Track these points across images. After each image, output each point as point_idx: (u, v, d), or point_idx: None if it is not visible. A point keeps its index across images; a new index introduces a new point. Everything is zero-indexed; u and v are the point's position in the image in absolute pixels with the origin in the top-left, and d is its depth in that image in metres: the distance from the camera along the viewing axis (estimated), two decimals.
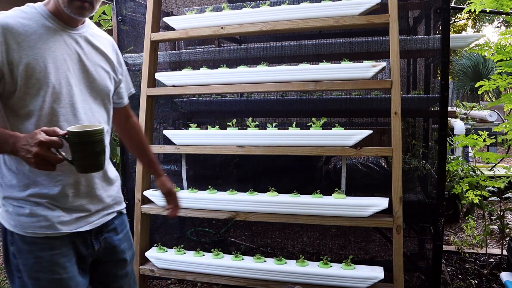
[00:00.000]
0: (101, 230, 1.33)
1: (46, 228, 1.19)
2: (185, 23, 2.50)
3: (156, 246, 2.44)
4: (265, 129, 2.40)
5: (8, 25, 1.12)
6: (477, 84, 2.52)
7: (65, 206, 1.22)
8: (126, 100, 1.52)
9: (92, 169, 1.10)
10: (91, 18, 3.12)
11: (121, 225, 1.42)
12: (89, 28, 1.32)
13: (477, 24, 16.08)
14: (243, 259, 2.34)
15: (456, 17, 14.05)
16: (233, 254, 2.36)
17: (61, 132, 1.04)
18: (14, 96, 1.14)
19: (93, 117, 1.27)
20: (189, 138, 2.45)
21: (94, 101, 1.29)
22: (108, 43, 1.39)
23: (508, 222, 3.30)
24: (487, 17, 15.21)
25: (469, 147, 4.24)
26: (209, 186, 2.47)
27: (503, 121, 4.47)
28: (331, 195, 2.24)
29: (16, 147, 1.04)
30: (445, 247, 3.05)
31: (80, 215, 1.25)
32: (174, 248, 2.44)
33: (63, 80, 1.18)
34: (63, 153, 1.05)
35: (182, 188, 2.53)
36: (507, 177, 2.62)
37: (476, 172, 3.02)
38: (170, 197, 1.62)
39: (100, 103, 1.32)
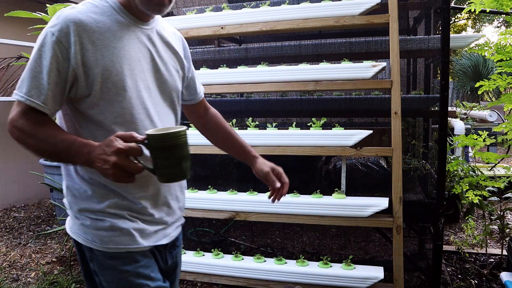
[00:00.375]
0: (174, 244, 1.22)
1: (128, 242, 1.07)
2: (185, 23, 2.50)
3: None
4: (265, 129, 2.40)
5: (81, 22, 0.98)
6: (477, 84, 2.52)
7: (145, 218, 1.11)
8: (202, 94, 1.39)
9: (177, 178, 0.96)
10: None
11: (181, 239, 1.31)
12: (158, 22, 1.17)
13: (477, 24, 16.08)
14: (243, 259, 2.35)
15: (456, 17, 14.05)
16: (233, 254, 2.36)
17: (139, 137, 0.91)
18: (87, 101, 1.01)
19: (166, 121, 1.15)
20: (189, 138, 2.45)
21: (164, 103, 1.16)
22: (175, 37, 1.24)
23: (508, 222, 3.30)
24: (487, 17, 15.21)
25: (469, 147, 4.24)
26: (209, 186, 2.47)
27: (503, 121, 4.47)
28: (331, 195, 2.24)
29: (91, 157, 0.92)
30: (445, 247, 3.05)
31: (159, 228, 1.14)
32: None
33: (138, 83, 1.06)
34: (142, 161, 0.92)
35: None
36: (507, 177, 2.62)
37: (476, 172, 3.02)
38: (277, 175, 1.31)
39: (169, 105, 1.18)
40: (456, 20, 14.60)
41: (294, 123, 2.42)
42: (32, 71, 0.97)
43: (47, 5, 2.79)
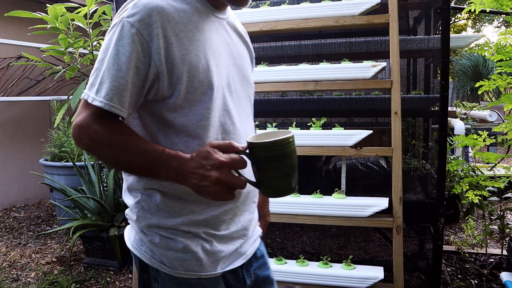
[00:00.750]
0: (250, 261, 1.06)
1: (200, 268, 0.93)
2: None
3: None
4: (265, 129, 2.40)
5: (164, 10, 0.82)
6: (477, 84, 2.52)
7: (221, 234, 0.96)
8: None
9: (286, 191, 0.81)
10: (91, 17, 3.11)
11: (263, 250, 1.14)
12: (230, 11, 1.03)
13: (477, 24, 16.09)
14: None
15: (456, 17, 14.06)
16: None
17: (240, 146, 0.79)
18: (168, 102, 0.86)
19: (246, 123, 1.00)
20: None
21: (244, 102, 1.01)
22: (242, 28, 1.09)
23: (508, 222, 3.30)
24: (487, 17, 15.21)
25: (469, 147, 4.24)
26: None
27: (503, 121, 4.47)
28: (331, 195, 2.24)
29: (183, 172, 0.78)
30: (445, 247, 3.05)
31: (235, 247, 0.99)
32: None
33: (222, 79, 0.92)
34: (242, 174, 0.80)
35: None
36: (507, 177, 2.62)
37: (476, 172, 3.02)
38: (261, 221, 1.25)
39: (248, 105, 1.04)
40: (456, 20, 14.61)
41: (294, 123, 2.42)
42: (110, 70, 0.81)
43: (47, 5, 2.79)
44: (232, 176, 0.76)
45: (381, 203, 2.11)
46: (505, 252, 2.72)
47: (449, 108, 3.09)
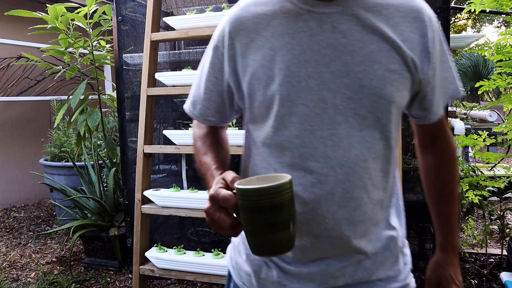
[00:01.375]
0: None
1: None
2: (185, 23, 2.50)
3: (156, 246, 2.44)
4: None
5: (237, 20, 0.79)
6: (477, 84, 2.52)
7: (287, 268, 0.83)
8: (436, 114, 0.88)
9: (265, 251, 0.66)
10: (91, 17, 3.10)
11: None
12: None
13: (477, 24, 16.09)
14: None
15: (456, 17, 14.06)
16: None
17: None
18: (246, 113, 0.85)
19: (353, 148, 0.76)
20: (189, 138, 2.45)
21: (360, 122, 0.76)
22: (404, 15, 0.77)
23: (508, 222, 3.31)
24: (487, 17, 15.22)
25: (469, 147, 4.24)
26: None
27: (503, 121, 4.47)
28: None
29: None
30: None
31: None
32: (174, 248, 2.44)
33: (302, 93, 0.75)
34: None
35: (182, 188, 2.53)
36: (507, 177, 2.62)
37: (476, 172, 3.02)
38: None
39: (372, 125, 0.77)
40: (456, 20, 14.61)
41: None
42: (196, 79, 0.91)
43: (47, 5, 2.79)
44: (218, 214, 0.66)
45: None
46: (505, 252, 2.72)
47: (449, 108, 3.10)
